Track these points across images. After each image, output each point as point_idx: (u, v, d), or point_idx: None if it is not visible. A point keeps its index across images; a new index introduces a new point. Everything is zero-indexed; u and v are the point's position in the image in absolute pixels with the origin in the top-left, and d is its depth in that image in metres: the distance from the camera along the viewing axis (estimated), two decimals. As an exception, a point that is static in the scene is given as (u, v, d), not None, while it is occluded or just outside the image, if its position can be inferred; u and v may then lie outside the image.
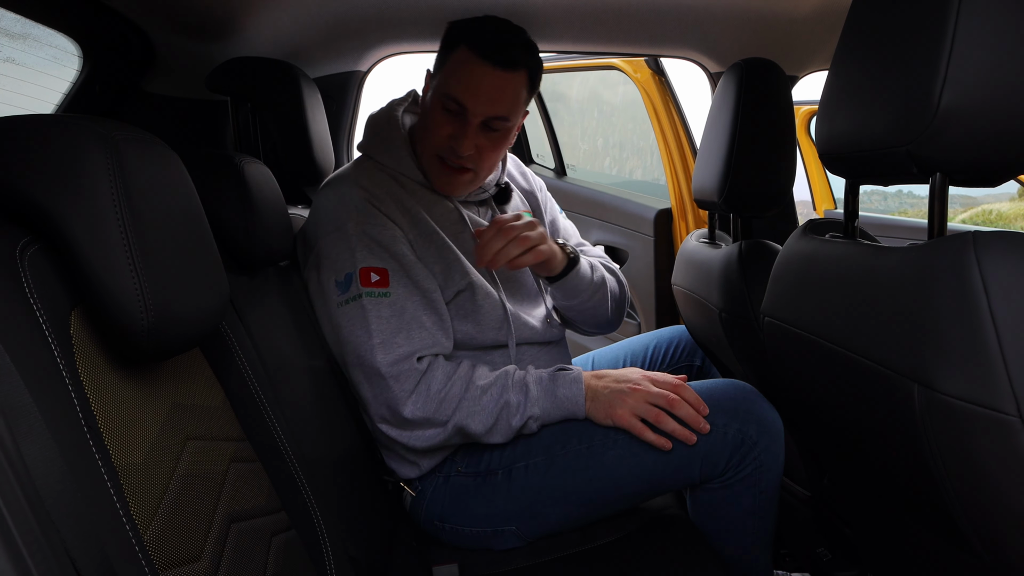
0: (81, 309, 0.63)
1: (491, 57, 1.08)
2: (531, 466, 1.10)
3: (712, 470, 1.07)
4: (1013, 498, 0.63)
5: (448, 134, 1.12)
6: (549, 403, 1.10)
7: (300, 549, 0.86)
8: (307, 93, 1.41)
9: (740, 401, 1.08)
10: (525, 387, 1.10)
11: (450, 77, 1.11)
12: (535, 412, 1.09)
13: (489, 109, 1.10)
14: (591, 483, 1.09)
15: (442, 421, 1.08)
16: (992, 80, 0.63)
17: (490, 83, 1.09)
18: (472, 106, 1.09)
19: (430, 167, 1.17)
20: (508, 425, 1.09)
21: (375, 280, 1.09)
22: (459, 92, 1.09)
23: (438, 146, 1.13)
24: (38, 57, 1.26)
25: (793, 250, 0.97)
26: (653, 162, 2.62)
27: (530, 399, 1.09)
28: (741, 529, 1.11)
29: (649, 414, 1.05)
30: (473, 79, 1.09)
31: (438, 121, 1.12)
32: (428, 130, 1.14)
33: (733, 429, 1.05)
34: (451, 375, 1.10)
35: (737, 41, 1.68)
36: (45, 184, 0.59)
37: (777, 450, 1.08)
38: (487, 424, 1.08)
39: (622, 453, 1.08)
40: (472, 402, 1.08)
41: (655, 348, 1.53)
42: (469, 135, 1.10)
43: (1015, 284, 0.60)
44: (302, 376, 1.02)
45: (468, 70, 1.09)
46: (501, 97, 1.10)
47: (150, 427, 0.66)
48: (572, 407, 1.09)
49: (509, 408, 1.08)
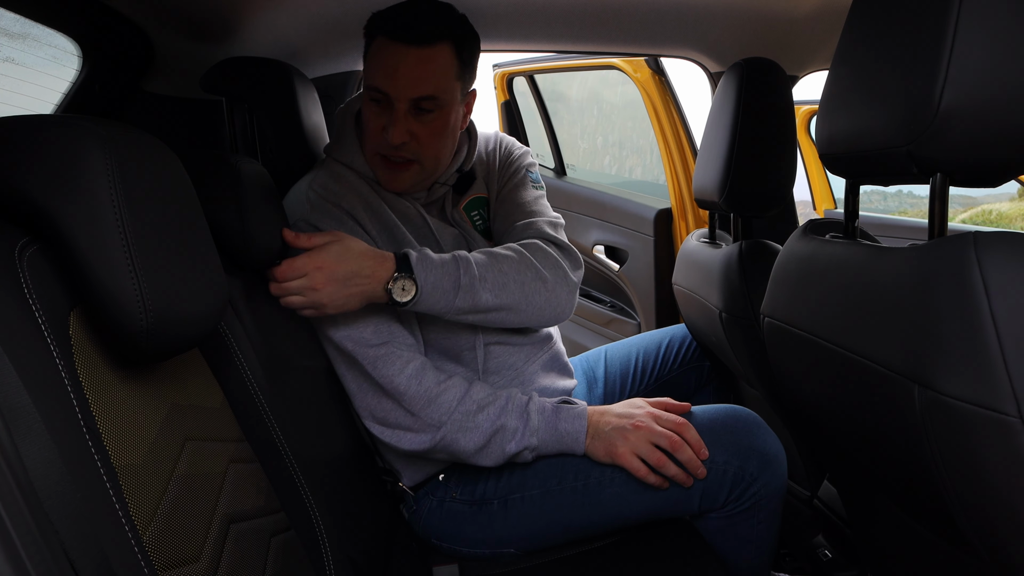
0: (80, 309, 0.63)
1: (403, 36, 1.02)
2: (527, 498, 1.08)
3: (712, 503, 1.05)
4: (1013, 498, 0.62)
5: (380, 127, 1.06)
6: (549, 435, 1.05)
7: (299, 550, 0.86)
8: (302, 93, 1.41)
9: (742, 435, 1.04)
10: (526, 414, 1.05)
11: (369, 68, 1.06)
12: (533, 442, 1.04)
13: (411, 90, 1.03)
14: (588, 518, 1.07)
15: (431, 425, 1.03)
16: (993, 80, 0.63)
17: (408, 63, 1.02)
18: (393, 91, 1.03)
19: (374, 166, 1.12)
20: (501, 450, 1.04)
21: None
22: (378, 80, 1.04)
23: (376, 142, 1.09)
24: (38, 57, 1.25)
25: (793, 250, 0.97)
26: (653, 162, 2.62)
27: (530, 428, 1.04)
28: (737, 557, 1.09)
29: (651, 456, 1.01)
30: (390, 63, 1.03)
31: (369, 116, 1.08)
32: (364, 128, 1.11)
33: (733, 467, 1.02)
34: (442, 379, 1.05)
35: (737, 41, 1.68)
36: (44, 184, 0.59)
37: (778, 483, 1.05)
38: (478, 443, 1.03)
39: (620, 491, 1.05)
40: (465, 416, 1.03)
41: (668, 346, 1.50)
42: (398, 122, 1.04)
43: (1016, 284, 0.60)
44: (301, 376, 1.02)
45: (384, 55, 1.03)
46: (423, 76, 1.03)
47: (149, 428, 0.66)
48: (572, 443, 1.05)
49: (505, 432, 1.04)
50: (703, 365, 1.51)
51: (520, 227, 1.21)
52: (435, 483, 1.14)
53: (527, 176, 1.28)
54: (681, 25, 1.62)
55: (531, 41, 1.68)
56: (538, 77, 2.89)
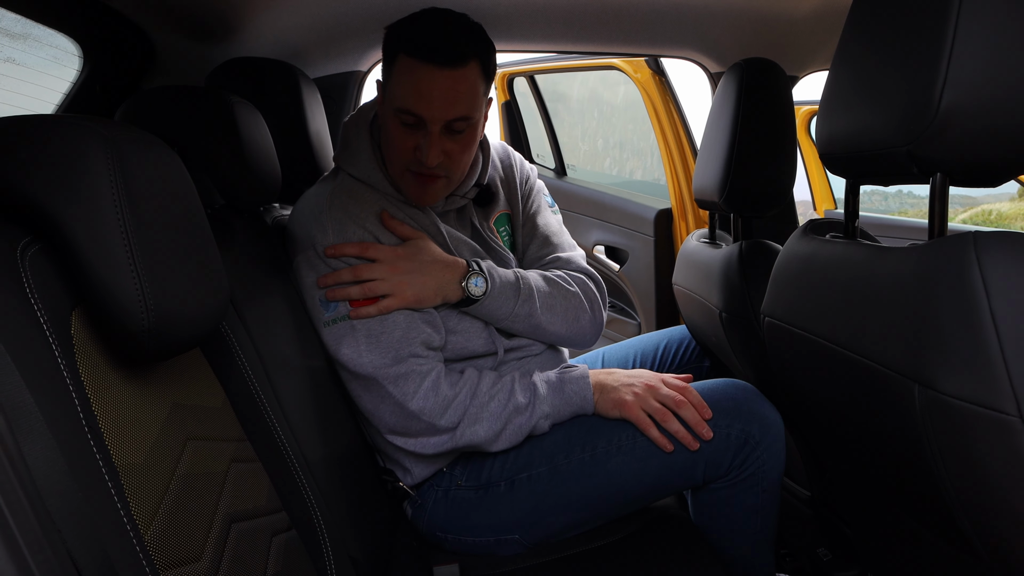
0: (82, 309, 0.63)
1: (435, 58, 1.00)
2: (534, 476, 1.10)
3: (716, 471, 1.07)
4: (1013, 498, 0.63)
5: (412, 147, 1.05)
6: (559, 399, 1.09)
7: (300, 549, 0.86)
8: (306, 93, 1.41)
9: (741, 401, 1.08)
10: (533, 386, 1.10)
11: (398, 89, 1.03)
12: (545, 410, 1.09)
13: (447, 113, 1.02)
14: (595, 489, 1.08)
15: (449, 427, 1.07)
16: (993, 80, 0.63)
17: (441, 86, 1.01)
18: (428, 115, 1.02)
19: (402, 181, 1.11)
20: (517, 428, 1.08)
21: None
22: (411, 104, 1.02)
23: (406, 160, 1.07)
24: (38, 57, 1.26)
25: (793, 250, 0.97)
26: (653, 162, 2.62)
27: (539, 398, 1.09)
28: (745, 527, 1.11)
29: (656, 412, 1.06)
30: (422, 86, 1.01)
31: (398, 136, 1.06)
32: (391, 146, 1.08)
33: (736, 429, 1.06)
34: (456, 381, 1.09)
35: (737, 41, 1.68)
36: (46, 184, 0.59)
37: (778, 448, 1.08)
38: (495, 429, 1.07)
39: (626, 459, 1.07)
40: (479, 408, 1.07)
41: (665, 348, 1.52)
42: (433, 144, 1.03)
43: (1016, 284, 0.60)
44: (302, 376, 1.02)
45: (415, 78, 1.01)
46: (457, 97, 1.02)
47: (151, 427, 0.66)
48: (581, 401, 1.10)
49: (518, 411, 1.08)
50: (702, 365, 1.52)
51: (563, 260, 1.30)
52: (440, 475, 1.15)
53: (544, 199, 1.36)
54: (681, 25, 1.62)
55: (531, 41, 1.68)
56: (538, 77, 2.89)
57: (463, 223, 1.23)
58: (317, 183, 1.20)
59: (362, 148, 1.14)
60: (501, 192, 1.29)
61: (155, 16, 1.24)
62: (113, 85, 1.33)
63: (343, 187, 1.13)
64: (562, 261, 1.29)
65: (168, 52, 1.34)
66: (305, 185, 1.48)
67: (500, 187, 1.29)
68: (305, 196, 1.18)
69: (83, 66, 1.30)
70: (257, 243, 1.10)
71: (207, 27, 1.35)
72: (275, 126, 1.33)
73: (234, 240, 1.03)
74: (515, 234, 1.32)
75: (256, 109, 1.11)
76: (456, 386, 1.08)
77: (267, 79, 1.37)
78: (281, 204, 1.43)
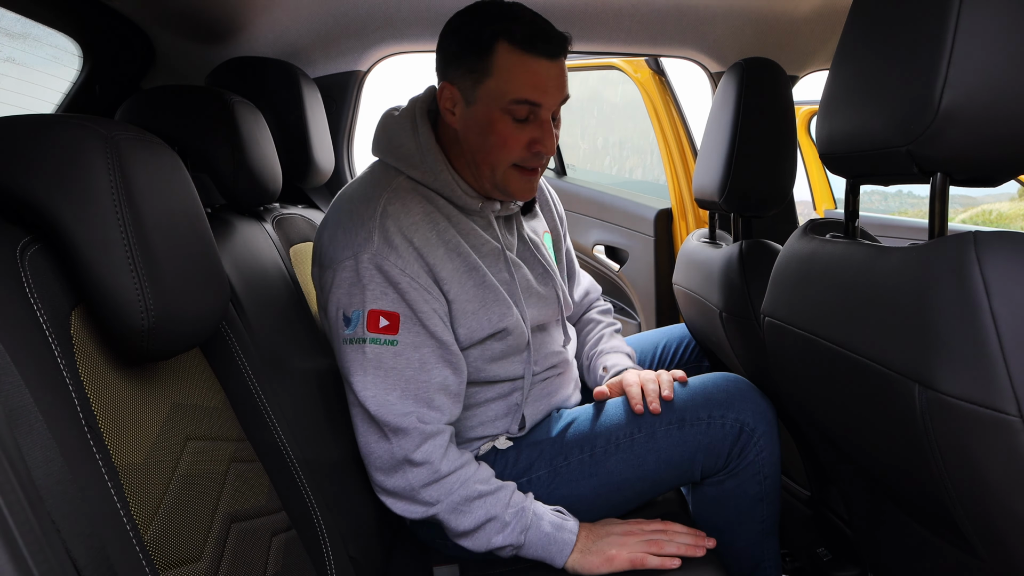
0: (81, 309, 0.63)
1: (542, 49, 1.00)
2: (534, 480, 1.10)
3: (715, 463, 1.08)
4: (1013, 498, 0.63)
5: (527, 141, 1.03)
6: (536, 538, 1.02)
7: (300, 549, 0.86)
8: (307, 93, 1.41)
9: (733, 392, 1.10)
10: (521, 513, 1.02)
11: (510, 83, 1.00)
12: (520, 540, 1.01)
13: (559, 99, 1.03)
14: (595, 490, 1.08)
15: (427, 502, 1.01)
16: (993, 80, 0.63)
17: (553, 74, 1.01)
18: (546, 102, 1.01)
19: (508, 180, 1.06)
20: (487, 540, 1.01)
21: (383, 325, 0.99)
22: (530, 94, 1.00)
23: (519, 158, 1.04)
24: (38, 57, 1.26)
25: (793, 250, 0.97)
26: (653, 162, 2.62)
27: (520, 526, 1.02)
28: (750, 517, 1.12)
29: (650, 548, 1.02)
30: (539, 78, 1.00)
31: (510, 133, 1.02)
32: (501, 145, 1.03)
33: (730, 419, 1.07)
34: (454, 460, 1.02)
35: (737, 41, 1.68)
36: (45, 184, 0.59)
37: (773, 436, 1.09)
38: (467, 527, 1.01)
39: (624, 456, 1.08)
40: (463, 501, 1.01)
41: (665, 347, 1.52)
42: (550, 131, 1.03)
43: (1016, 284, 0.60)
44: (302, 376, 1.02)
45: (528, 70, 1.00)
46: (563, 83, 1.04)
47: (150, 427, 0.66)
48: (556, 554, 1.02)
49: (496, 524, 1.01)
50: (702, 365, 1.52)
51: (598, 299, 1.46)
52: None
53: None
54: (681, 25, 1.62)
55: (531, 41, 1.68)
56: (538, 77, 2.89)
57: (510, 231, 1.18)
58: (365, 182, 1.09)
59: (430, 148, 1.07)
60: (539, 209, 1.29)
61: (155, 16, 1.24)
62: (113, 85, 1.33)
63: (400, 193, 1.05)
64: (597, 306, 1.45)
65: (168, 52, 1.34)
66: (305, 185, 1.49)
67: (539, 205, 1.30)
68: (354, 195, 1.07)
69: (83, 66, 1.30)
70: (257, 243, 1.10)
71: (207, 27, 1.35)
72: (275, 126, 1.33)
73: (234, 240, 1.03)
74: (557, 257, 1.33)
75: (256, 109, 1.11)
76: (453, 464, 1.01)
77: (267, 79, 1.37)
78: (281, 204, 1.43)
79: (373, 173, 1.10)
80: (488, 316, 1.06)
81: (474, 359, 1.08)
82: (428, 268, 1.02)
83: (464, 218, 1.09)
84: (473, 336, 1.06)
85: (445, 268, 1.03)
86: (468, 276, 1.05)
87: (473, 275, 1.05)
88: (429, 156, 1.06)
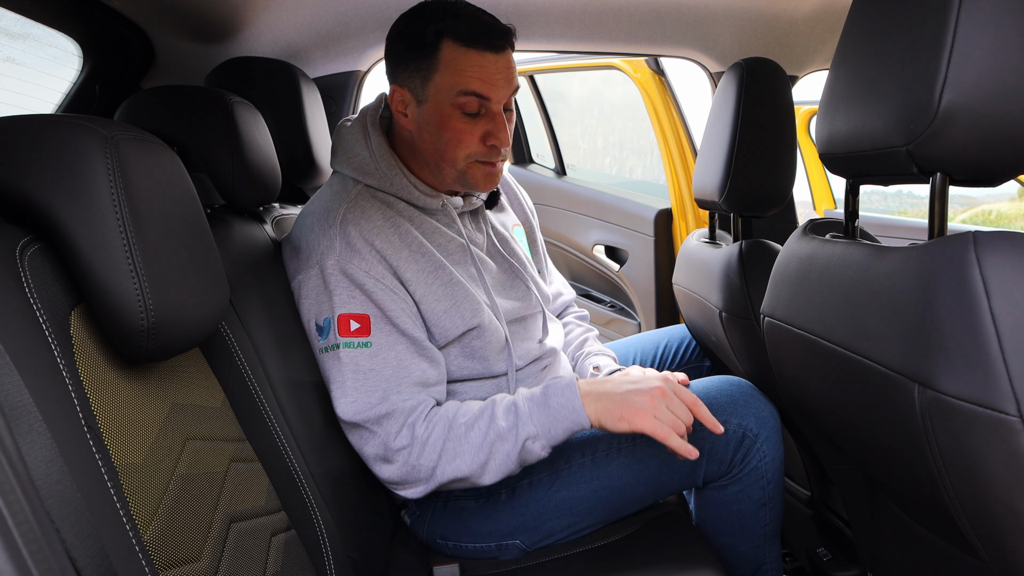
0: (81, 309, 0.63)
1: (486, 43, 1.01)
2: (535, 482, 1.09)
3: (718, 468, 1.08)
4: (1013, 498, 0.62)
5: (481, 135, 1.04)
6: (544, 416, 0.96)
7: (300, 549, 0.86)
8: (306, 93, 1.41)
9: (737, 397, 1.09)
10: (514, 407, 0.98)
11: (457, 76, 1.00)
12: (531, 430, 0.96)
13: (508, 92, 1.04)
14: (596, 493, 1.08)
15: (426, 470, 0.98)
16: (992, 80, 0.63)
17: (499, 67, 1.02)
18: (494, 95, 1.02)
19: (469, 174, 1.06)
20: (505, 456, 0.96)
21: (355, 328, 0.99)
22: (477, 87, 1.01)
23: (473, 152, 1.04)
24: (38, 57, 1.26)
25: (793, 250, 0.97)
26: (653, 162, 2.62)
27: (521, 418, 0.97)
28: (753, 522, 1.12)
29: (671, 422, 0.94)
30: (485, 71, 1.01)
31: (463, 128, 1.03)
32: (455, 142, 1.03)
33: (733, 425, 1.06)
34: (431, 417, 1.00)
35: (737, 41, 1.68)
36: (45, 184, 0.59)
37: (777, 440, 1.09)
38: (479, 461, 0.97)
39: (627, 460, 1.07)
40: (456, 442, 0.97)
41: (665, 347, 1.52)
42: (502, 124, 1.04)
43: (1016, 284, 0.60)
44: (302, 376, 1.02)
45: (473, 64, 1.00)
46: (511, 76, 1.04)
47: (150, 427, 0.66)
48: (571, 414, 0.96)
49: (501, 437, 0.96)
50: (702, 365, 1.52)
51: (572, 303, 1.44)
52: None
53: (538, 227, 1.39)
54: (681, 25, 1.62)
55: (531, 41, 1.68)
56: (538, 77, 2.89)
57: (478, 227, 1.18)
58: (324, 195, 1.11)
59: (383, 154, 1.08)
60: (505, 202, 1.30)
61: (155, 16, 1.24)
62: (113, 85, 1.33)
63: (355, 201, 1.05)
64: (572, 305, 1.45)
65: (168, 52, 1.34)
66: (305, 185, 1.49)
67: (505, 197, 1.30)
68: (312, 210, 1.08)
69: (83, 66, 1.30)
70: (257, 243, 1.10)
71: (207, 27, 1.35)
72: (275, 126, 1.33)
73: (234, 240, 1.03)
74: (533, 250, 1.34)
75: (256, 109, 1.11)
76: (430, 422, 0.99)
77: (267, 79, 1.37)
78: (281, 204, 1.43)
79: (331, 186, 1.11)
80: (460, 314, 1.06)
81: (454, 357, 1.08)
82: (392, 269, 1.03)
83: (426, 218, 1.10)
84: (448, 335, 1.06)
85: (410, 269, 1.04)
86: (434, 276, 1.05)
87: (439, 274, 1.06)
88: (383, 162, 1.07)
